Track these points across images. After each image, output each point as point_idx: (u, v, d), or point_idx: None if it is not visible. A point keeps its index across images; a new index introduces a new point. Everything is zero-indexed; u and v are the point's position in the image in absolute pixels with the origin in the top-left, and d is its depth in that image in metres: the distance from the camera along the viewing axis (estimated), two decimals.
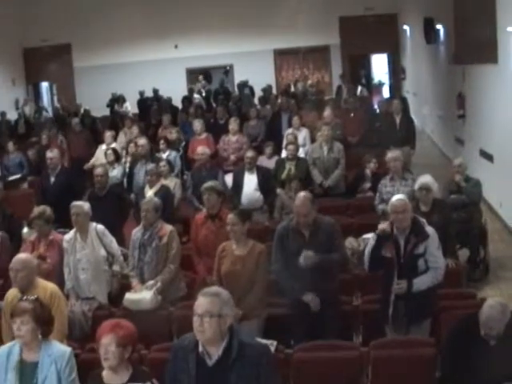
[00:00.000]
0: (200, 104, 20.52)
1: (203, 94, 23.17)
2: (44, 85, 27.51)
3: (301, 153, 12.04)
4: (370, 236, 7.19)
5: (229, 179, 10.98)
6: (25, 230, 9.62)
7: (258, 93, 21.82)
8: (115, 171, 12.04)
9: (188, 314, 6.42)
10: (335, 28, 24.89)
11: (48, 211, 8.21)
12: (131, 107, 22.63)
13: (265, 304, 7.02)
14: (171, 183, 10.62)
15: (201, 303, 4.53)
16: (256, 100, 20.58)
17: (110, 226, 8.31)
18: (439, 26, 17.36)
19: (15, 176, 14.33)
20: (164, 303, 7.59)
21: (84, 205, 8.09)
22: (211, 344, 4.54)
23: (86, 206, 8.05)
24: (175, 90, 22.60)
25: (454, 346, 5.86)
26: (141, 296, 7.48)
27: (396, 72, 26.39)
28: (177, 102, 21.10)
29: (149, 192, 9.83)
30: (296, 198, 7.06)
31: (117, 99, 23.06)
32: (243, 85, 23.20)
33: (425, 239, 6.59)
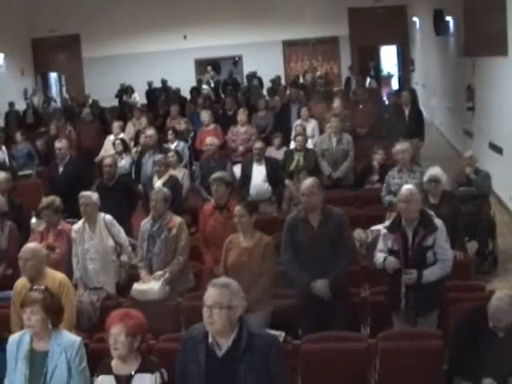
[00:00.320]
0: (208, 95, 20.49)
1: (212, 85, 23.16)
2: (53, 75, 27.51)
3: (309, 144, 12.01)
4: (379, 228, 7.19)
5: (237, 170, 10.96)
6: (33, 220, 9.64)
7: (267, 84, 21.78)
8: (123, 161, 12.06)
9: (196, 305, 6.45)
10: (344, 19, 24.79)
11: (57, 201, 8.21)
12: (139, 98, 22.64)
13: (271, 296, 7.00)
14: (180, 174, 10.62)
15: (210, 294, 4.53)
16: (265, 91, 20.56)
17: (119, 217, 8.31)
18: (449, 18, 17.30)
19: (25, 171, 14.33)
20: (172, 294, 7.59)
21: (92, 195, 8.08)
22: (221, 335, 4.55)
23: (95, 197, 8.04)
24: (184, 81, 22.59)
25: (462, 338, 5.86)
26: (149, 286, 7.47)
27: (405, 64, 26.30)
28: (185, 93, 21.07)
29: (157, 182, 9.84)
30: (303, 184, 7.04)
31: (125, 90, 23.06)
32: (252, 76, 23.15)
33: (433, 231, 6.57)
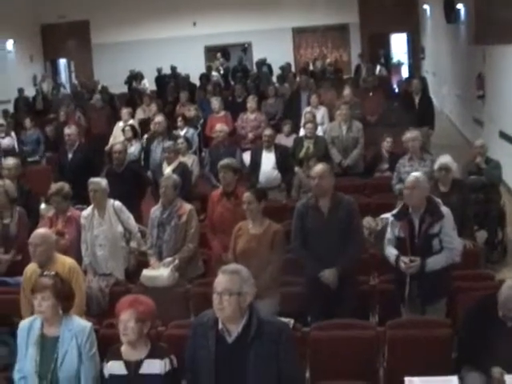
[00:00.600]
0: (218, 82, 20.48)
1: (221, 72, 23.15)
2: (62, 61, 27.54)
3: (319, 131, 12.01)
4: (388, 216, 7.17)
5: (247, 157, 10.95)
6: (42, 206, 9.65)
7: (276, 71, 21.76)
8: (133, 148, 12.05)
9: (205, 291, 6.49)
10: (354, 6, 24.69)
11: (66, 188, 8.21)
12: (149, 84, 22.62)
13: (279, 284, 7.00)
14: (189, 160, 10.63)
15: (220, 281, 4.54)
16: (274, 78, 20.52)
17: (128, 203, 8.30)
18: (460, 6, 17.18)
19: (33, 158, 14.35)
20: (181, 280, 7.60)
21: (102, 181, 8.08)
22: (231, 321, 4.56)
23: (104, 183, 8.04)
24: (193, 68, 22.55)
25: (472, 327, 5.83)
26: (158, 273, 7.49)
27: (415, 52, 26.21)
28: (195, 80, 21.03)
29: (167, 169, 9.84)
30: (314, 168, 7.03)
31: (135, 76, 23.05)
32: (262, 63, 23.12)
33: (440, 219, 6.54)
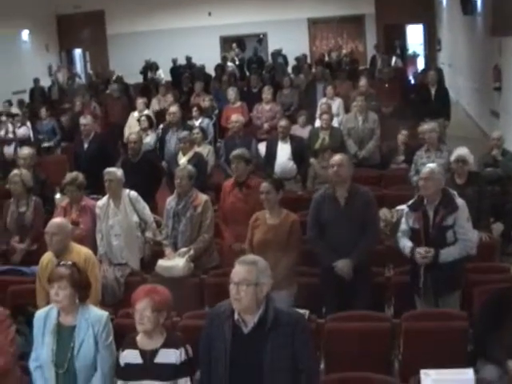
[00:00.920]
0: (233, 72, 20.45)
1: (236, 63, 23.09)
2: (77, 52, 27.55)
3: (334, 123, 11.96)
4: (404, 207, 7.15)
5: (262, 148, 10.94)
6: (57, 196, 9.68)
7: (292, 62, 21.70)
8: (148, 138, 12.05)
9: (220, 282, 6.51)
10: None
11: (80, 177, 8.23)
12: (164, 75, 22.62)
13: (296, 274, 7.01)
14: (204, 150, 10.62)
15: (238, 271, 4.53)
16: (289, 69, 20.48)
17: (143, 193, 8.31)
18: None
19: (48, 143, 14.39)
20: (196, 271, 7.61)
21: (117, 171, 8.09)
22: (247, 312, 4.55)
23: (119, 173, 8.05)
24: (208, 58, 22.54)
25: (487, 320, 5.81)
26: (173, 263, 7.48)
27: (431, 43, 26.08)
28: (210, 70, 21.02)
29: (182, 159, 9.82)
30: (333, 159, 6.99)
31: (150, 66, 23.07)
32: (277, 53, 23.08)
33: (454, 211, 6.53)
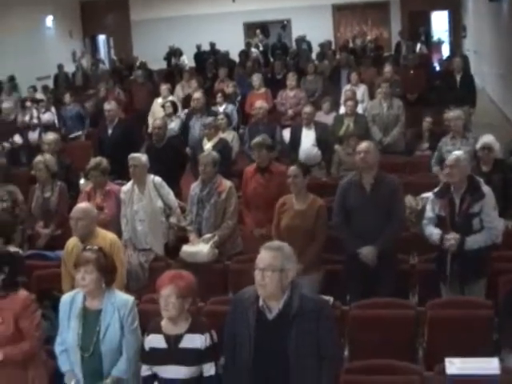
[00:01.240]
0: (257, 58, 20.41)
1: (260, 49, 23.04)
2: (101, 38, 27.61)
3: (359, 109, 11.91)
4: (429, 195, 7.11)
5: (286, 134, 10.91)
6: (81, 181, 9.71)
7: (316, 48, 21.62)
8: (173, 124, 12.03)
9: (244, 268, 6.50)
10: None
11: (104, 162, 8.24)
12: (188, 61, 22.61)
13: (322, 260, 7.03)
14: (229, 136, 10.62)
15: (263, 257, 4.52)
16: (313, 55, 20.40)
17: (168, 179, 8.29)
18: None
19: (76, 133, 14.45)
20: (220, 257, 7.62)
21: (142, 157, 8.09)
22: (272, 298, 4.54)
23: (144, 158, 8.05)
24: (232, 44, 22.45)
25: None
26: (198, 249, 7.50)
27: (456, 30, 25.89)
28: (234, 57, 20.97)
29: (207, 145, 9.82)
30: (360, 146, 6.95)
31: (174, 52, 23.08)
32: (301, 40, 23.01)
33: (480, 198, 6.49)
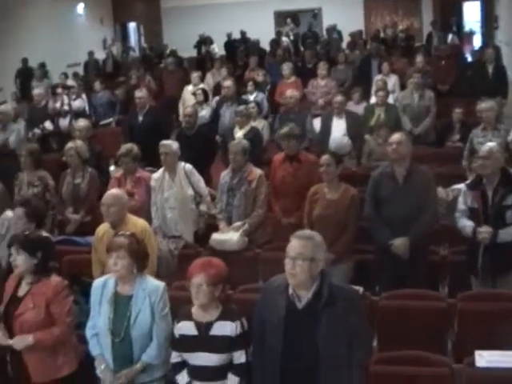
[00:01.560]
0: (288, 47, 20.36)
1: (291, 38, 22.97)
2: (131, 25, 27.67)
3: (390, 99, 11.85)
4: (460, 187, 7.07)
5: (316, 123, 10.88)
6: (111, 168, 9.76)
7: (346, 38, 21.54)
8: (204, 111, 12.05)
9: (273, 257, 6.50)
10: None
11: (135, 149, 8.27)
12: (218, 49, 22.61)
13: (353, 250, 7.02)
14: (260, 125, 10.64)
15: (294, 246, 4.52)
16: (344, 45, 20.33)
17: (198, 166, 8.31)
18: None
19: (107, 120, 14.53)
20: (249, 245, 7.63)
21: (173, 144, 8.11)
22: (302, 287, 4.54)
23: (175, 146, 8.07)
24: (262, 33, 22.39)
25: None
26: (228, 237, 7.52)
27: (488, 20, 25.64)
28: (264, 45, 20.95)
29: (238, 133, 9.84)
30: (392, 137, 6.91)
31: (204, 41, 23.07)
32: (332, 29, 22.91)
33: None
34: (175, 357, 5.09)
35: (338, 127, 10.30)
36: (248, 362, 4.89)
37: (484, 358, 5.07)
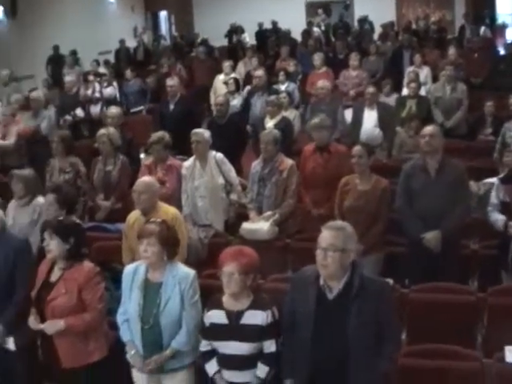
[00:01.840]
0: (319, 38, 20.29)
1: (322, 28, 22.90)
2: (162, 14, 27.70)
3: (422, 91, 11.80)
4: (492, 180, 7.03)
5: (348, 114, 10.84)
6: (142, 156, 9.79)
7: (378, 29, 21.44)
8: (235, 101, 12.04)
9: (304, 247, 6.51)
10: None
11: (166, 137, 8.30)
12: (249, 38, 22.59)
13: (384, 242, 7.00)
14: (291, 115, 10.62)
15: (325, 236, 4.51)
16: (375, 36, 20.24)
17: (229, 155, 8.31)
18: None
19: (138, 108, 14.58)
20: (280, 235, 7.62)
21: (204, 132, 8.12)
22: (333, 278, 4.53)
23: (207, 134, 8.07)
24: (294, 23, 22.32)
25: None
26: (258, 226, 7.51)
27: None
28: (295, 35, 20.90)
29: (269, 123, 9.81)
30: (425, 129, 6.86)
31: (235, 30, 23.09)
32: (363, 20, 22.83)
33: None
34: (205, 345, 5.09)
35: (370, 118, 10.26)
36: (278, 352, 4.88)
37: None
